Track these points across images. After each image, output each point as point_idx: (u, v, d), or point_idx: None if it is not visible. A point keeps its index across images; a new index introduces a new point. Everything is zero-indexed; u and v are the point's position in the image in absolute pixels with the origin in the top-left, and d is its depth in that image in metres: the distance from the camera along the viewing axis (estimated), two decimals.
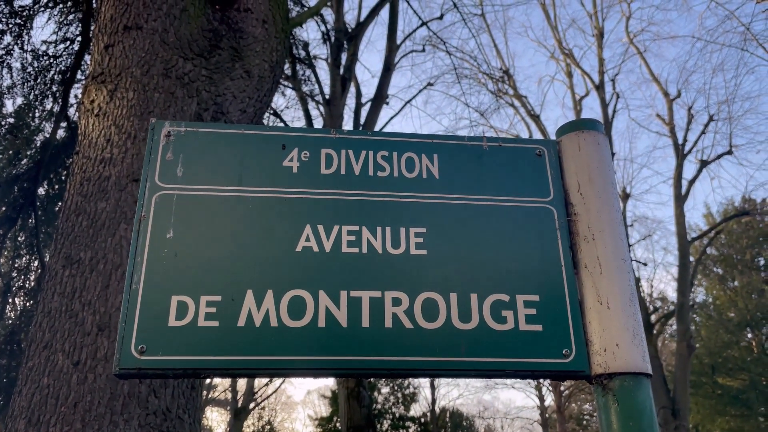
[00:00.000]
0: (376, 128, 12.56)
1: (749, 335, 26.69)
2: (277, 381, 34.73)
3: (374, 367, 1.05)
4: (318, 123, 13.04)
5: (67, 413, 2.57)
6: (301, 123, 14.38)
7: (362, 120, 11.85)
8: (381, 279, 1.11)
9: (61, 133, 7.30)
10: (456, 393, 68.88)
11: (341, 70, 11.23)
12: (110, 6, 3.63)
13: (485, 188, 1.18)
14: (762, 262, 26.63)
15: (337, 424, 30.15)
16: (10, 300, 7.14)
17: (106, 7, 3.65)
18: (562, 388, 29.43)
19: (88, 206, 3.08)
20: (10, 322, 7.02)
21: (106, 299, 2.80)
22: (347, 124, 12.61)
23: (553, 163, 1.20)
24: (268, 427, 26.42)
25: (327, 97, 11.42)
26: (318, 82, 11.98)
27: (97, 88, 3.42)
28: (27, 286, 7.20)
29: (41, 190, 7.31)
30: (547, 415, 31.79)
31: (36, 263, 7.34)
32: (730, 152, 16.71)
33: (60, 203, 7.97)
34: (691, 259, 19.78)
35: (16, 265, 7.11)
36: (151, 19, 3.57)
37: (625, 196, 19.46)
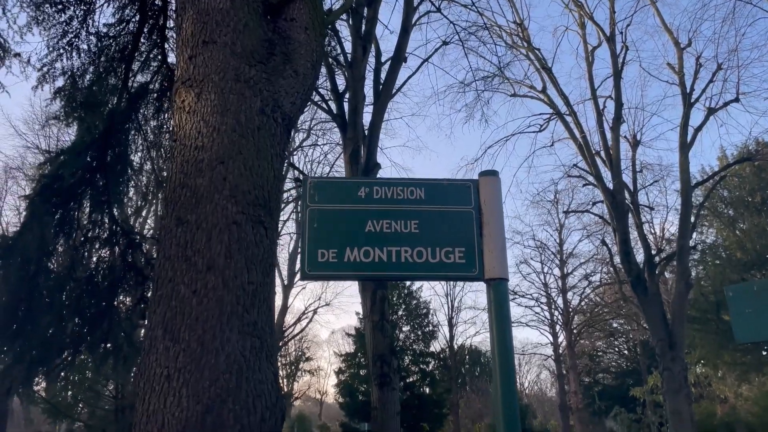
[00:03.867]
0: (396, 86, 13.48)
1: (758, 276, 27.61)
2: (304, 321, 36.72)
3: (398, 276, 2.20)
4: (340, 82, 13.96)
5: (191, 323, 3.82)
6: (323, 79, 15.27)
7: (382, 80, 12.77)
8: (400, 242, 2.25)
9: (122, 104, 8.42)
10: (473, 331, 71.08)
11: (362, 35, 12.08)
12: (190, 24, 4.70)
13: (445, 201, 2.29)
14: None
15: (362, 360, 32.17)
16: (88, 248, 8.49)
17: (187, 24, 4.72)
18: (572, 326, 30.97)
19: (189, 181, 4.24)
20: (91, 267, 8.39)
21: (210, 249, 4.00)
22: (368, 85, 13.50)
23: (475, 191, 2.30)
24: (302, 355, 28.27)
25: (349, 60, 12.34)
26: (341, 44, 12.87)
27: (186, 90, 4.53)
28: (101, 236, 8.51)
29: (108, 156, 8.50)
30: (560, 351, 33.47)
31: (107, 218, 8.63)
32: (737, 100, 17.26)
33: (119, 166, 9.18)
34: (699, 201, 20.62)
35: (92, 219, 8.40)
36: (222, 34, 4.64)
37: (635, 143, 20.16)
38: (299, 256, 2.24)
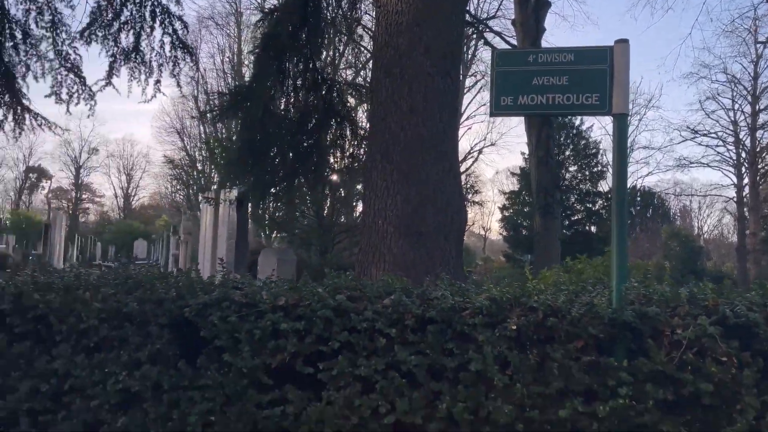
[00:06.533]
0: None
1: None
2: (470, 160, 38.17)
3: (553, 113, 3.20)
4: None
5: (400, 150, 5.22)
6: None
7: None
8: (555, 91, 3.23)
9: None
10: (645, 171, 67.53)
11: None
12: None
13: (588, 62, 3.15)
14: None
15: (525, 197, 33.30)
16: (298, 94, 10.33)
17: None
18: (759, 166, 28.75)
19: (392, 41, 5.43)
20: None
21: (411, 95, 5.25)
22: None
23: (609, 54, 3.10)
24: (471, 188, 29.96)
25: None
26: None
27: None
28: (307, 84, 10.28)
29: None
30: (744, 193, 31.48)
31: (310, 67, 10.26)
32: None
33: (316, 20, 10.55)
34: None
35: (299, 69, 10.14)
36: None
37: None
38: (488, 101, 3.33)
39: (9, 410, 3.43)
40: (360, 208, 17.36)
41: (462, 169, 40.36)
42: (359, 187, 15.01)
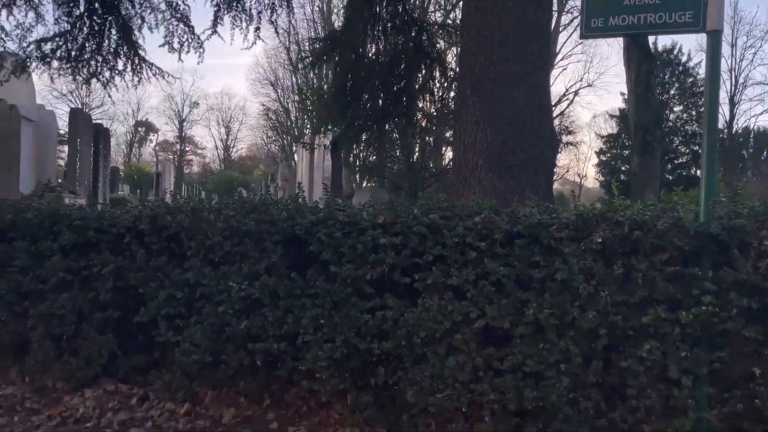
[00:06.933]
0: None
1: None
2: (565, 102, 36.69)
3: (645, 33, 3.21)
4: None
5: (490, 84, 5.29)
6: None
7: None
8: (646, 10, 3.24)
9: None
10: (760, 109, 61.92)
11: None
12: None
13: None
14: None
15: (624, 141, 31.80)
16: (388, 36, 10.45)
17: None
18: None
19: None
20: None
21: (501, 27, 5.27)
22: None
23: None
24: (566, 129, 28.83)
25: None
26: None
27: None
28: (397, 25, 10.39)
29: None
30: None
31: (399, 9, 10.32)
32: None
33: None
34: None
35: (389, 11, 10.24)
36: None
37: None
38: (579, 23, 3.37)
39: (150, 315, 4.02)
40: (449, 155, 17.45)
41: (557, 111, 39.05)
42: (448, 135, 15.07)
